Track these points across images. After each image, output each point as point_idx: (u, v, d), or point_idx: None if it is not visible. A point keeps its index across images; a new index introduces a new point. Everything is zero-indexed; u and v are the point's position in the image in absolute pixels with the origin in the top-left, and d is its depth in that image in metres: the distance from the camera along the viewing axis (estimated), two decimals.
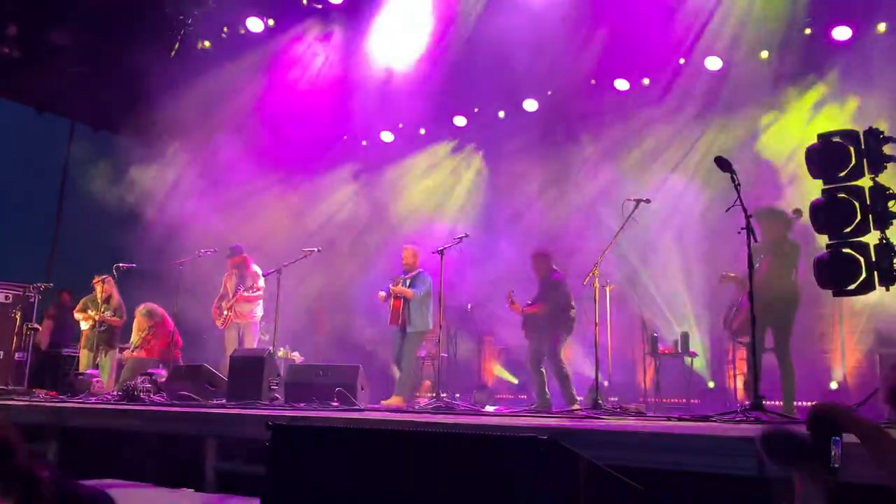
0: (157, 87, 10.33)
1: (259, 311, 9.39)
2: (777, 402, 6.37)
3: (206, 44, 11.31)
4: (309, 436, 2.65)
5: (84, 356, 9.61)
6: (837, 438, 1.80)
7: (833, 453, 1.79)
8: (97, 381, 8.42)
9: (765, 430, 1.89)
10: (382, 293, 8.61)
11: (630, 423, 4.70)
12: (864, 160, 5.05)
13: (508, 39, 9.56)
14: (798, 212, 6.64)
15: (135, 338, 9.33)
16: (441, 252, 7.51)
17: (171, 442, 5.25)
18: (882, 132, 5.07)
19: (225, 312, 9.22)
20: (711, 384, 9.52)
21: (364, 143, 12.88)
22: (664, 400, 8.96)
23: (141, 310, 9.41)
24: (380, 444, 2.44)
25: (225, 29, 11.27)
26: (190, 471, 4.79)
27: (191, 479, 4.51)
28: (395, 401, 7.97)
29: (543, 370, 7.97)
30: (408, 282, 8.55)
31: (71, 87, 11.25)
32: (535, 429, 3.68)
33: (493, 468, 2.15)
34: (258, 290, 9.13)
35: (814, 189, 5.38)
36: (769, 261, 6.67)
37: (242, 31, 11.13)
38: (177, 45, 10.97)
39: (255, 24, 11.00)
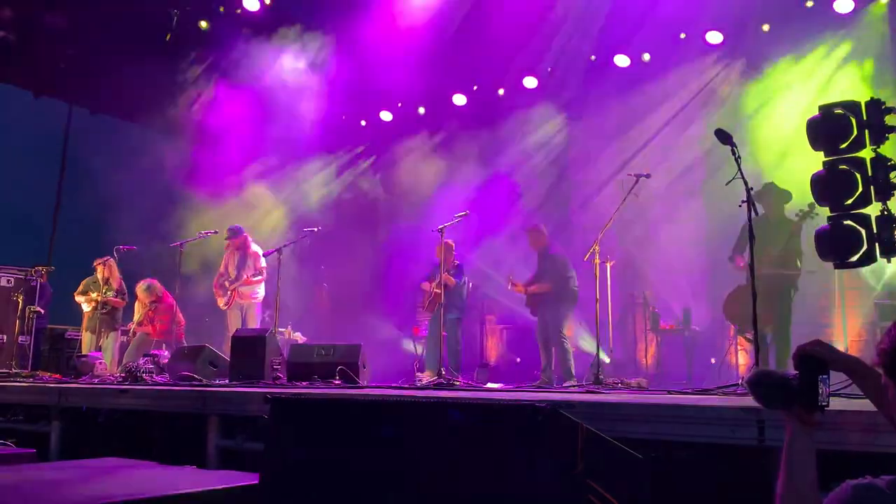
0: (153, 68, 10.26)
1: (261, 291, 9.42)
2: None
3: (203, 24, 11.22)
4: (307, 409, 2.64)
5: (86, 338, 9.65)
6: (824, 376, 1.83)
7: (820, 391, 1.80)
8: (100, 363, 8.43)
9: (753, 374, 1.90)
10: (427, 284, 9.08)
11: (631, 396, 4.70)
12: (866, 131, 5.00)
13: (508, 16, 9.49)
14: (812, 206, 6.39)
15: (138, 314, 9.41)
16: (441, 230, 7.49)
17: (174, 420, 5.26)
18: (884, 102, 5.02)
19: (228, 293, 9.25)
20: (713, 360, 9.53)
21: (363, 122, 12.83)
22: (666, 376, 8.97)
23: (141, 285, 9.46)
24: (379, 416, 2.44)
25: (221, 9, 11.17)
26: (192, 449, 4.80)
27: (193, 457, 4.51)
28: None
29: (553, 348, 8.01)
30: (451, 272, 8.92)
31: (67, 69, 11.18)
32: (536, 401, 3.68)
33: (492, 437, 2.15)
34: (260, 271, 9.17)
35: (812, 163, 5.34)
36: (765, 243, 6.61)
37: (239, 11, 11.03)
38: (174, 25, 10.87)
39: (251, 4, 10.89)
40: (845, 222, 4.95)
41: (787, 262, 6.65)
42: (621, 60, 10.44)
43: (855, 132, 4.99)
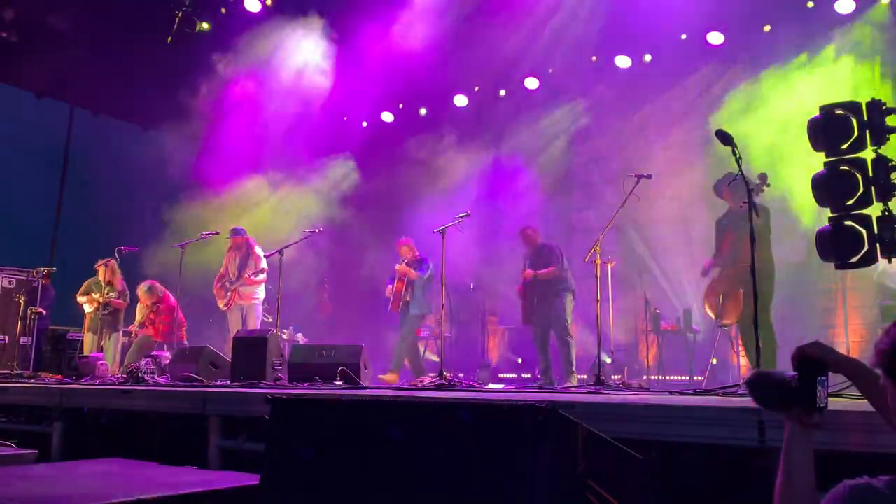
0: (155, 70, 10.27)
1: (262, 292, 9.44)
2: None
3: (205, 25, 11.23)
4: (308, 409, 2.64)
5: (88, 339, 9.66)
6: (823, 378, 1.82)
7: (819, 393, 1.79)
8: (102, 364, 8.45)
9: (751, 375, 1.90)
10: (390, 287, 8.95)
11: (631, 397, 4.70)
12: (867, 132, 5.00)
13: (509, 17, 9.50)
14: (763, 177, 6.56)
15: (139, 316, 9.44)
16: (442, 231, 7.48)
17: (175, 421, 5.27)
18: (885, 103, 5.02)
19: (228, 294, 9.25)
20: (714, 361, 9.50)
21: (364, 124, 12.84)
22: (667, 377, 8.98)
23: (142, 287, 9.49)
24: (380, 416, 2.44)
25: (223, 10, 11.19)
26: (193, 449, 4.81)
27: (194, 458, 4.52)
28: (389, 377, 8.27)
29: (557, 341, 8.07)
30: (412, 267, 8.96)
31: (69, 71, 11.20)
32: (536, 401, 3.69)
33: (492, 436, 2.15)
34: (262, 272, 9.17)
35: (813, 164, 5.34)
36: (734, 233, 6.61)
37: (240, 12, 11.04)
38: (176, 26, 10.89)
39: (252, 5, 10.91)
40: (846, 223, 4.96)
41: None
42: (622, 61, 10.45)
43: (856, 133, 4.99)
